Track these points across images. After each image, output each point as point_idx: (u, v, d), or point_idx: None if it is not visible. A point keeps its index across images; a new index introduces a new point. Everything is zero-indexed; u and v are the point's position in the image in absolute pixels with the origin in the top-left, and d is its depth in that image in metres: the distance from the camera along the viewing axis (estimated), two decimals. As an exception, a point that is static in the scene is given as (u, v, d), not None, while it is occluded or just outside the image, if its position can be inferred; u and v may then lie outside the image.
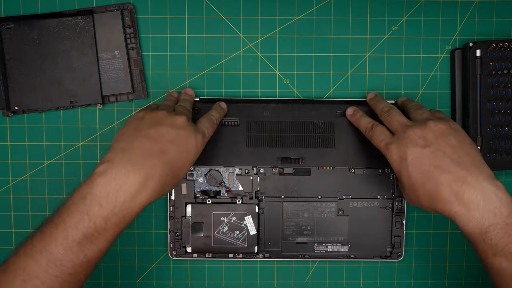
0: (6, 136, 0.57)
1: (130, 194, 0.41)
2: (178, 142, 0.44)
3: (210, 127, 0.50)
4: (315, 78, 0.57)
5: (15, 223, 0.58)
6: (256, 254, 0.57)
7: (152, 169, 0.42)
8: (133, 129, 0.44)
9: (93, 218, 0.40)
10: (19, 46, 0.55)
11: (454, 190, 0.43)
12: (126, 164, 0.41)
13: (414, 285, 0.60)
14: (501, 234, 0.42)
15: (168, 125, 0.45)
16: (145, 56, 0.57)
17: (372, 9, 0.57)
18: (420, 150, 0.45)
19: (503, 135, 0.55)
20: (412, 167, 0.45)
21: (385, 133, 0.49)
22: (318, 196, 0.57)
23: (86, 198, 0.40)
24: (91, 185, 0.41)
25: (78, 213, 0.40)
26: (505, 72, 0.55)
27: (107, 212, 0.40)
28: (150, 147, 0.43)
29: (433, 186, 0.44)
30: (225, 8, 0.57)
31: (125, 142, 0.43)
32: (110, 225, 0.40)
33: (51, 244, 0.40)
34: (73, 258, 0.40)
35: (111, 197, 0.40)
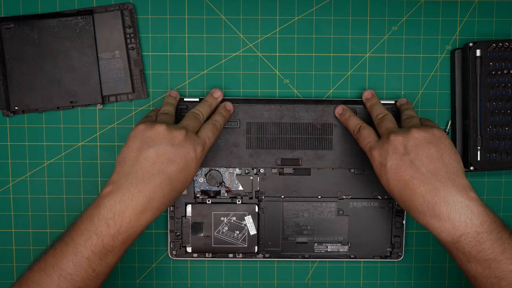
0: (6, 136, 0.57)
1: (135, 215, 0.44)
2: (178, 160, 0.46)
3: (212, 135, 0.50)
4: (315, 78, 0.57)
5: (15, 223, 0.58)
6: (256, 254, 0.57)
7: (154, 191, 0.44)
8: (135, 149, 0.46)
9: (100, 237, 0.43)
10: (19, 46, 0.55)
11: (426, 201, 0.44)
12: (129, 187, 0.44)
13: (414, 285, 0.60)
14: (472, 243, 0.43)
15: (167, 143, 0.46)
16: (145, 56, 0.57)
17: (372, 9, 0.57)
18: (399, 158, 0.46)
19: (503, 135, 0.55)
20: (390, 173, 0.46)
21: (371, 136, 0.50)
22: (318, 196, 0.57)
23: (94, 219, 0.43)
24: (98, 207, 0.44)
25: (87, 232, 0.43)
26: (505, 72, 0.55)
27: (114, 231, 0.43)
28: (151, 169, 0.45)
29: (408, 196, 0.45)
30: (225, 8, 0.57)
31: (127, 166, 0.45)
32: (117, 243, 0.43)
33: (62, 260, 0.43)
34: (83, 273, 0.43)
35: (117, 218, 0.43)
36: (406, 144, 0.46)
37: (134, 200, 0.44)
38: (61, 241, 0.44)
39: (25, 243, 0.58)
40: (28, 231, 0.58)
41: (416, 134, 0.46)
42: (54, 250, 0.44)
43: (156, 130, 0.46)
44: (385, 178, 0.47)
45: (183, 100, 0.55)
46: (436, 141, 0.46)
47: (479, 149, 0.55)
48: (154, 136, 0.46)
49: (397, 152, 0.46)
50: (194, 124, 0.50)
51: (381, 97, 0.57)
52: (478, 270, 0.44)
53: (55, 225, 0.58)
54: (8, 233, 0.58)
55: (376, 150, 0.48)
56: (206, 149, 0.49)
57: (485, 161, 0.55)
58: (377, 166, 0.48)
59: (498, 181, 0.59)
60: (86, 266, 0.43)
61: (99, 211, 0.43)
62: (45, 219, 0.58)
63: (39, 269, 0.43)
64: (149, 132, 0.46)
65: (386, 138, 0.47)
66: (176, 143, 0.46)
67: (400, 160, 0.46)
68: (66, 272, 0.43)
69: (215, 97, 0.54)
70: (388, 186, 0.47)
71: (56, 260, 0.43)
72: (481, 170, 0.56)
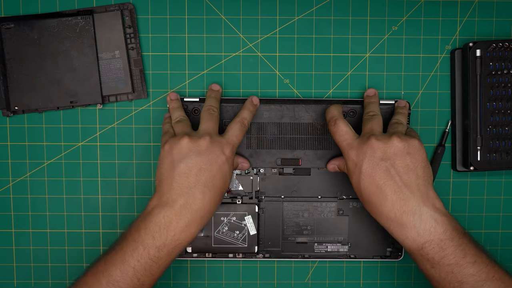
0: (6, 136, 0.57)
1: (180, 228, 0.46)
2: (209, 167, 0.47)
3: (240, 132, 0.51)
4: (315, 78, 0.57)
5: (15, 223, 0.58)
6: (256, 254, 0.57)
7: (194, 203, 0.46)
8: (167, 170, 0.48)
9: (147, 248, 0.45)
10: (19, 46, 0.55)
11: (395, 209, 0.46)
12: (171, 204, 0.46)
13: (414, 285, 0.60)
14: (436, 250, 0.46)
15: (194, 154, 0.47)
16: (145, 56, 0.57)
17: (372, 9, 0.57)
18: (376, 162, 0.47)
19: (503, 135, 0.55)
20: (364, 175, 0.47)
21: (349, 133, 0.50)
22: (318, 196, 0.57)
23: (140, 231, 0.46)
24: (144, 220, 0.46)
25: (134, 242, 0.46)
26: (505, 72, 0.55)
27: (159, 243, 0.46)
28: (186, 183, 0.47)
29: (378, 200, 0.47)
30: (225, 8, 0.57)
31: (165, 185, 0.47)
32: (162, 254, 0.46)
33: (111, 268, 0.45)
34: (128, 281, 0.45)
35: (162, 231, 0.46)
36: (385, 151, 0.47)
37: (177, 215, 0.46)
38: (112, 249, 0.47)
39: (25, 243, 0.58)
40: (28, 231, 0.58)
41: (396, 142, 0.47)
42: (105, 257, 0.46)
43: (181, 145, 0.48)
44: (357, 179, 0.48)
45: (183, 100, 0.55)
46: (414, 153, 0.47)
47: (479, 149, 0.55)
48: (180, 152, 0.48)
49: (375, 156, 0.47)
50: (213, 123, 0.50)
51: (381, 97, 0.57)
52: (441, 275, 0.46)
53: (55, 225, 0.58)
54: (8, 233, 0.58)
55: (354, 150, 0.48)
56: (235, 147, 0.50)
57: (485, 161, 0.56)
58: (352, 165, 0.49)
59: (498, 181, 0.59)
60: (132, 275, 0.45)
61: (146, 224, 0.46)
62: (45, 219, 0.58)
63: (92, 273, 0.46)
64: (175, 149, 0.48)
65: (366, 140, 0.48)
66: (203, 151, 0.47)
67: (377, 165, 0.47)
68: (113, 279, 0.45)
69: (215, 90, 0.55)
70: (358, 187, 0.48)
71: (106, 267, 0.46)
72: (481, 170, 0.56)
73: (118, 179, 0.58)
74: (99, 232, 0.58)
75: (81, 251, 0.58)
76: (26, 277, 0.58)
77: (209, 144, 0.48)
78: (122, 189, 0.58)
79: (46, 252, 0.58)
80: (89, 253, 0.58)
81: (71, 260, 0.58)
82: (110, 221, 0.58)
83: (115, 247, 0.47)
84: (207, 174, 0.47)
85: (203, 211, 0.47)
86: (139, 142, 0.57)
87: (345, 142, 0.50)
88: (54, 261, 0.58)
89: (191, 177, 0.47)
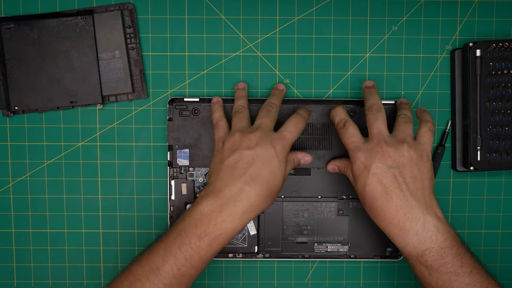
0: (6, 136, 0.57)
1: (221, 219, 0.46)
2: (256, 161, 0.48)
3: (295, 128, 0.51)
4: (315, 78, 0.57)
5: (15, 223, 0.58)
6: (256, 254, 0.57)
7: (238, 194, 0.47)
8: (218, 161, 0.49)
9: (188, 235, 0.46)
10: (19, 46, 0.55)
11: (399, 215, 0.47)
12: (216, 193, 0.47)
13: (414, 285, 0.60)
14: (436, 257, 0.47)
15: (243, 148, 0.48)
16: (145, 56, 0.57)
17: (372, 9, 0.57)
18: (386, 169, 0.48)
19: (503, 135, 0.55)
20: (371, 179, 0.48)
21: (357, 136, 0.50)
22: (318, 196, 0.57)
23: (185, 219, 0.47)
24: (190, 209, 0.48)
25: (177, 229, 0.47)
26: (505, 72, 0.55)
27: (200, 231, 0.46)
28: (232, 175, 0.47)
29: (381, 205, 0.48)
30: (225, 8, 0.57)
31: (214, 175, 0.49)
32: (203, 244, 0.46)
33: (154, 254, 0.47)
34: (169, 269, 0.46)
35: (204, 220, 0.46)
36: (395, 159, 0.48)
37: (219, 204, 0.47)
38: (158, 238, 0.48)
39: (25, 243, 0.58)
40: (28, 231, 0.58)
41: (407, 152, 0.48)
42: (150, 246, 0.48)
43: (232, 141, 0.49)
44: (362, 182, 0.48)
45: (183, 100, 0.55)
46: (421, 163, 0.49)
47: (479, 149, 0.55)
48: (231, 147, 0.49)
49: (385, 162, 0.48)
50: (268, 120, 0.50)
51: (381, 97, 0.57)
52: (438, 283, 0.47)
53: (55, 225, 0.58)
54: (8, 233, 0.58)
55: (362, 152, 0.49)
56: (288, 143, 0.50)
57: (485, 161, 0.56)
58: (359, 166, 0.49)
59: (498, 181, 0.59)
60: (172, 263, 0.46)
61: (190, 212, 0.47)
62: (45, 219, 0.58)
63: (137, 261, 0.48)
64: (227, 144, 0.49)
65: (376, 144, 0.48)
66: (252, 146, 0.48)
67: (385, 171, 0.47)
68: (155, 266, 0.46)
69: (280, 89, 0.55)
70: (363, 190, 0.48)
71: (149, 254, 0.47)
72: (481, 170, 0.56)
73: (118, 179, 0.58)
74: (99, 232, 0.58)
75: (81, 251, 0.58)
76: (26, 277, 0.58)
77: (259, 139, 0.48)
78: (122, 189, 0.58)
79: (46, 252, 0.58)
80: (89, 253, 0.58)
81: (71, 260, 0.58)
82: (110, 221, 0.58)
83: (162, 237, 0.48)
84: (254, 168, 0.47)
85: (247, 204, 0.47)
86: (139, 142, 0.57)
87: (353, 144, 0.50)
88: (54, 261, 0.58)
89: (238, 170, 0.47)
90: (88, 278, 0.58)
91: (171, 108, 0.55)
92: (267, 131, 0.49)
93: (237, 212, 0.47)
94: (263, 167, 0.47)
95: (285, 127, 0.50)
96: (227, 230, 0.47)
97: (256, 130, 0.49)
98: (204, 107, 0.55)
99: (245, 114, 0.52)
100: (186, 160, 0.56)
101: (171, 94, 0.57)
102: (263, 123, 0.50)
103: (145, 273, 0.46)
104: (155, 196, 0.58)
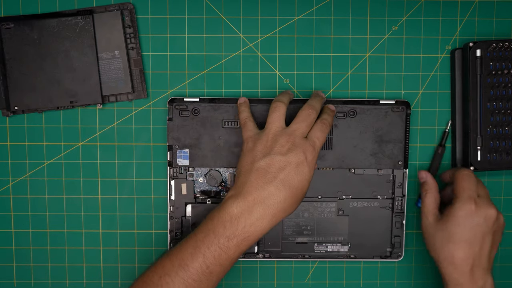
0: (6, 136, 0.57)
1: (250, 221, 0.47)
2: (288, 166, 0.48)
3: (322, 134, 0.51)
4: (315, 78, 0.57)
5: (15, 223, 0.58)
6: (256, 254, 0.57)
7: (268, 198, 0.47)
8: (248, 162, 0.49)
9: (217, 236, 0.47)
10: (19, 46, 0.55)
11: (468, 269, 0.50)
12: (245, 195, 0.47)
13: (414, 285, 0.60)
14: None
15: (276, 153, 0.48)
16: (145, 56, 0.57)
17: (372, 9, 0.57)
18: (484, 228, 0.51)
19: (503, 135, 0.55)
20: (468, 228, 0.50)
21: (474, 189, 0.52)
22: (318, 196, 0.57)
23: (214, 219, 0.48)
24: (219, 210, 0.48)
25: (206, 229, 0.48)
26: (505, 72, 0.55)
27: (229, 233, 0.47)
28: (263, 178, 0.48)
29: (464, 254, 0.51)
30: (225, 8, 0.57)
31: (243, 176, 0.49)
32: (231, 244, 0.47)
33: (183, 251, 0.47)
34: (197, 267, 0.47)
35: (233, 221, 0.47)
36: (493, 220, 0.51)
37: (249, 207, 0.47)
38: (188, 235, 0.49)
39: (25, 243, 0.58)
40: (28, 231, 0.58)
41: (501, 221, 0.52)
42: (180, 244, 0.49)
43: (266, 142, 0.49)
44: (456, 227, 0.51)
45: (183, 100, 0.55)
46: (502, 229, 0.53)
47: (479, 149, 0.55)
48: (263, 148, 0.49)
49: (487, 226, 0.51)
50: (304, 126, 0.50)
51: (381, 97, 0.57)
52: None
53: (55, 225, 0.58)
54: (8, 233, 0.58)
55: (481, 209, 0.51)
56: (317, 150, 0.50)
57: (485, 161, 0.55)
58: (461, 216, 0.51)
59: (498, 181, 0.59)
60: (201, 261, 0.47)
61: (219, 213, 0.47)
62: (45, 219, 0.58)
63: (167, 255, 0.49)
64: (259, 145, 0.49)
65: (488, 204, 0.51)
66: (284, 152, 0.48)
67: (480, 227, 0.51)
68: (184, 263, 0.47)
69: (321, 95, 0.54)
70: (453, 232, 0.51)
71: (180, 250, 0.48)
72: (481, 170, 0.56)
73: (118, 179, 0.58)
74: (99, 232, 0.58)
75: (81, 251, 0.58)
76: (26, 277, 0.58)
77: (291, 145, 0.48)
78: (122, 189, 0.58)
79: (46, 252, 0.58)
80: (89, 253, 0.58)
81: (71, 260, 0.58)
82: (110, 221, 0.58)
83: (191, 233, 0.49)
84: (285, 173, 0.48)
85: (276, 208, 0.47)
86: (139, 142, 0.57)
87: (473, 193, 0.51)
88: (54, 261, 0.58)
89: (270, 174, 0.48)
90: (88, 278, 0.58)
91: (171, 108, 0.55)
92: (300, 137, 0.49)
93: (266, 215, 0.47)
94: (294, 174, 0.48)
95: (314, 134, 0.50)
96: (256, 232, 0.47)
97: (290, 135, 0.49)
98: (204, 107, 0.55)
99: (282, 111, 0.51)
100: (186, 160, 0.56)
101: (171, 94, 0.57)
102: (299, 129, 0.50)
103: (174, 269, 0.47)
104: (155, 196, 0.58)
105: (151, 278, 0.48)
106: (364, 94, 0.58)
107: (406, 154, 0.56)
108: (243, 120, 0.52)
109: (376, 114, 0.56)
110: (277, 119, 0.50)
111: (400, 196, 0.57)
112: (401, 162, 0.56)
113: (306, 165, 0.48)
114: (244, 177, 0.49)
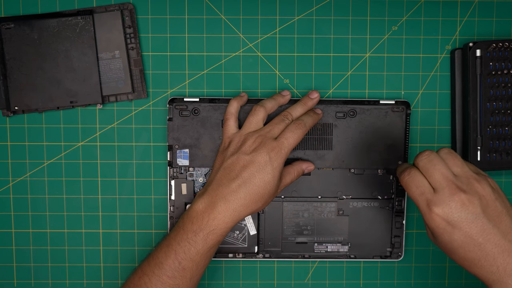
0: (6, 136, 0.57)
1: (213, 215, 0.49)
2: (251, 165, 0.50)
3: (292, 135, 0.51)
4: (315, 78, 0.57)
5: (15, 223, 0.58)
6: (256, 254, 0.57)
7: (229, 194, 0.49)
8: (219, 162, 0.52)
9: (186, 231, 0.49)
10: (19, 46, 0.55)
11: (497, 262, 0.43)
12: (210, 192, 0.50)
13: (414, 285, 0.60)
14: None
15: (242, 153, 0.50)
16: (145, 56, 0.57)
17: (372, 9, 0.57)
18: (472, 218, 0.43)
19: (503, 135, 0.55)
20: (458, 234, 0.43)
21: (425, 185, 0.44)
22: (318, 196, 0.57)
23: (184, 218, 0.50)
24: (189, 208, 0.51)
25: (177, 227, 0.50)
26: (505, 72, 0.55)
27: (196, 227, 0.49)
28: (228, 176, 0.50)
29: (476, 255, 0.43)
30: (225, 8, 0.57)
31: (213, 175, 0.52)
32: (198, 238, 0.49)
33: (159, 250, 0.50)
34: (171, 263, 0.49)
35: (199, 217, 0.49)
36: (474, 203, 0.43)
37: (212, 202, 0.49)
38: (162, 237, 0.52)
39: (25, 243, 0.58)
40: (28, 231, 0.58)
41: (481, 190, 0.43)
42: (158, 243, 0.52)
43: (236, 142, 0.51)
44: (448, 238, 0.44)
45: (183, 100, 0.55)
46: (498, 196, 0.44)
47: (479, 149, 0.55)
48: (233, 148, 0.51)
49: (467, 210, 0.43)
50: (276, 128, 0.51)
51: (381, 97, 0.57)
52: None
53: (55, 225, 0.58)
54: (8, 233, 0.58)
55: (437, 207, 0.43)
56: (285, 150, 0.50)
57: (485, 161, 0.56)
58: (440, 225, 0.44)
59: (498, 181, 0.59)
60: (173, 257, 0.49)
61: (188, 211, 0.50)
62: (45, 219, 0.58)
63: (146, 258, 0.51)
64: (231, 146, 0.52)
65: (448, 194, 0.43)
66: (249, 151, 0.50)
67: (472, 222, 0.43)
68: (159, 261, 0.49)
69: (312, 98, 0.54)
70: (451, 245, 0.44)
71: (154, 251, 0.51)
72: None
73: (118, 179, 0.58)
74: (99, 232, 0.58)
75: (81, 251, 0.58)
76: (26, 277, 0.58)
77: (258, 145, 0.50)
78: (122, 189, 0.58)
79: (46, 252, 0.58)
80: (89, 253, 0.58)
81: (71, 260, 0.58)
82: (110, 221, 0.58)
83: (165, 235, 0.52)
84: (248, 171, 0.49)
85: (237, 203, 0.49)
86: (139, 142, 0.57)
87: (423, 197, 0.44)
88: (54, 261, 0.58)
89: (233, 172, 0.50)
90: (88, 278, 0.58)
91: (171, 108, 0.55)
92: (269, 138, 0.50)
93: (227, 209, 0.49)
94: (256, 173, 0.49)
95: (283, 134, 0.51)
96: (219, 226, 0.49)
97: (259, 136, 0.51)
98: (204, 107, 0.55)
99: (261, 116, 0.52)
100: (186, 160, 0.56)
101: (171, 94, 0.57)
102: (270, 131, 0.51)
103: (151, 268, 0.50)
104: (155, 196, 0.58)
105: (132, 279, 0.51)
106: (364, 94, 0.58)
107: (406, 154, 0.56)
108: (227, 115, 0.53)
109: (376, 114, 0.56)
110: (254, 122, 0.52)
111: (400, 196, 0.57)
112: (401, 162, 0.56)
113: (269, 165, 0.49)
114: (213, 176, 0.51)
